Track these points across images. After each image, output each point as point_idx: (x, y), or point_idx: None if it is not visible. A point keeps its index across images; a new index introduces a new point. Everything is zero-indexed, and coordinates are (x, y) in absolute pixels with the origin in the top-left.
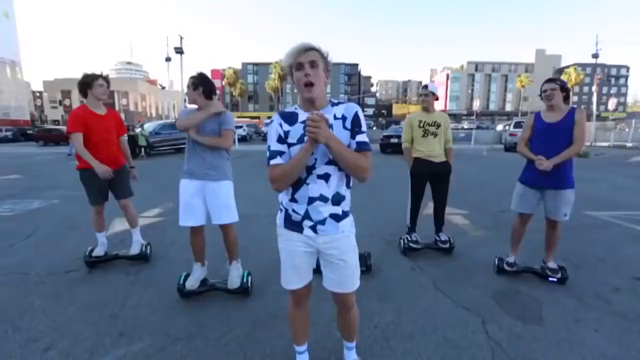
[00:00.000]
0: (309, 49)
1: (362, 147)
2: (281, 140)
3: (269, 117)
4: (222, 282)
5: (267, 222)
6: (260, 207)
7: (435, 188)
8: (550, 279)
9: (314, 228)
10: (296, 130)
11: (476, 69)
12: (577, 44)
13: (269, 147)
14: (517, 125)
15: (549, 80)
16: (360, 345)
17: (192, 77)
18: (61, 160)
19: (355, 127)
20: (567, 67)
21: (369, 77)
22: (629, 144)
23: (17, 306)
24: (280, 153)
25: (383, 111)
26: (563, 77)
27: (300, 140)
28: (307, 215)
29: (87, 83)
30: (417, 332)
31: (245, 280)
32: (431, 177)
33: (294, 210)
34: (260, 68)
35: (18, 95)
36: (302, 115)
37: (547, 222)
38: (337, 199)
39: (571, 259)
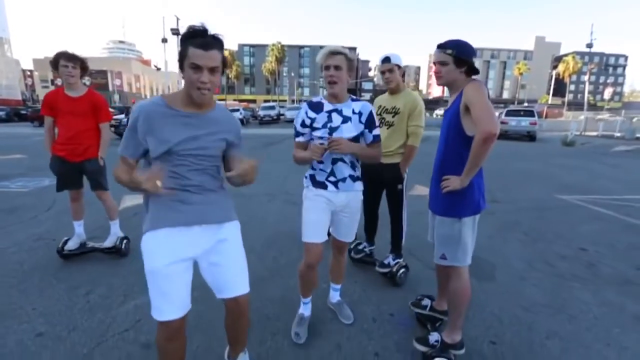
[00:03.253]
0: (336, 53)
1: (377, 139)
2: (304, 124)
3: (265, 101)
4: None
5: (265, 200)
6: (258, 187)
7: (387, 198)
8: None
9: (336, 184)
10: (321, 118)
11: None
12: (578, 32)
13: (295, 127)
14: (509, 113)
15: (444, 57)
16: (342, 295)
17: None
18: None
19: (372, 124)
20: (566, 55)
21: (367, 62)
22: (617, 134)
23: (54, 264)
24: (302, 134)
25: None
26: (561, 66)
27: (324, 126)
28: (332, 173)
29: (53, 63)
30: (390, 285)
31: None
32: (377, 182)
33: (321, 169)
34: (257, 50)
35: (8, 73)
36: (327, 106)
37: None
38: (353, 164)
39: (531, 234)
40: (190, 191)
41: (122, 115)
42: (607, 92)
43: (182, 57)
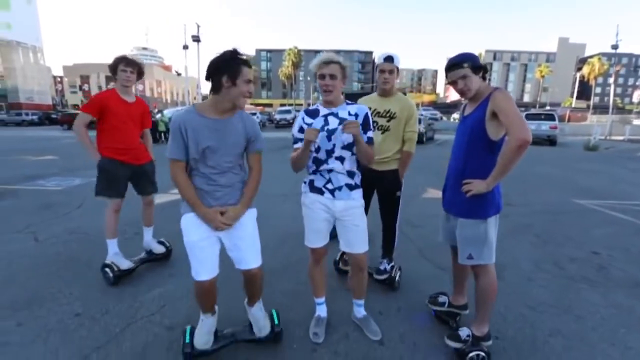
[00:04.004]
0: (330, 62)
1: (370, 141)
2: (302, 130)
3: (281, 105)
4: (242, 329)
5: (279, 200)
6: (272, 187)
7: (380, 204)
8: None
9: (332, 192)
10: (317, 122)
11: (494, 58)
12: (605, 32)
13: (293, 134)
14: (528, 117)
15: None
16: (367, 309)
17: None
18: None
19: (367, 126)
20: (591, 56)
21: None
22: None
23: (87, 255)
24: (300, 139)
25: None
26: (586, 68)
27: (322, 129)
28: (329, 180)
29: (112, 67)
30: (402, 281)
31: (276, 322)
32: (376, 188)
33: (321, 175)
34: (274, 55)
35: (40, 80)
36: (323, 111)
37: None
38: (351, 174)
39: (542, 236)
40: (214, 186)
41: None
42: (637, 95)
43: (235, 75)
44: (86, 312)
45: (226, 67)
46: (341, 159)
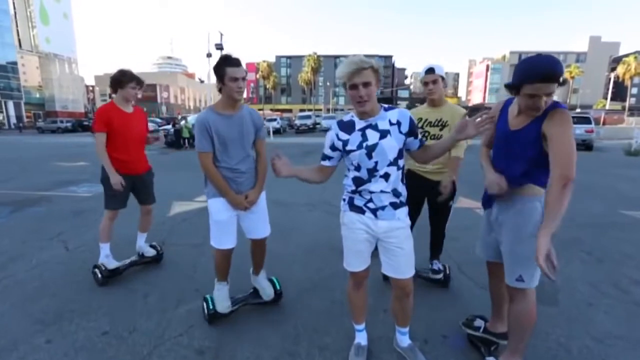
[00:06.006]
0: (362, 69)
1: (423, 142)
2: (334, 148)
3: (301, 110)
4: (252, 295)
5: (306, 209)
6: (299, 197)
7: (431, 211)
8: None
9: (374, 212)
10: (354, 138)
11: (519, 59)
12: None
13: (323, 152)
14: None
15: None
16: (412, 337)
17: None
18: None
19: (415, 130)
20: (626, 55)
21: (403, 69)
22: None
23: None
24: (329, 158)
25: (417, 104)
26: (621, 67)
27: (359, 147)
28: (370, 200)
29: (119, 82)
30: (443, 303)
31: (278, 287)
32: (427, 197)
33: (360, 196)
34: (294, 61)
35: (74, 89)
36: (359, 124)
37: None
38: (396, 193)
39: (595, 253)
40: (236, 173)
41: (169, 126)
42: None
43: (222, 75)
44: (113, 329)
45: (216, 72)
46: (386, 177)
